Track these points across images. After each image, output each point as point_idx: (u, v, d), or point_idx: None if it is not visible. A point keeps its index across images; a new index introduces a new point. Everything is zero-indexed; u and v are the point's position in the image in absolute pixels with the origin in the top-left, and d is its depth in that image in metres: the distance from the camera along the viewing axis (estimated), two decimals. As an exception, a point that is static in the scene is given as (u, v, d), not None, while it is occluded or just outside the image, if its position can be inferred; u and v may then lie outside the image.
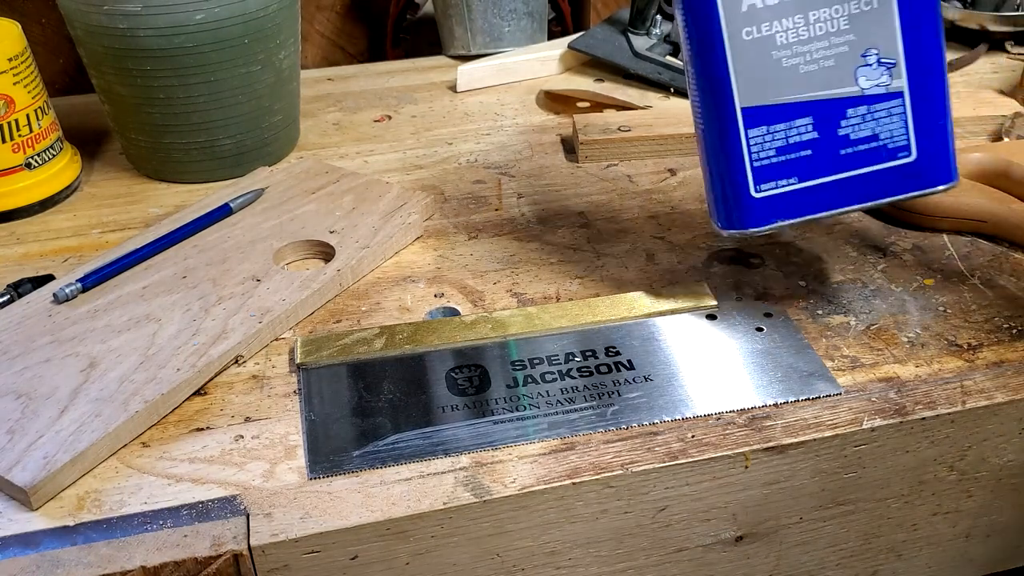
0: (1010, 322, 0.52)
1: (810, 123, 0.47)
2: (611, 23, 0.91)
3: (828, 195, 0.48)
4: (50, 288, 0.54)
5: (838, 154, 0.47)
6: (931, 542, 0.52)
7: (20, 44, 0.63)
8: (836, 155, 0.47)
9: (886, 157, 0.47)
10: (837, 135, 0.47)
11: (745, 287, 0.56)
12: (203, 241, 0.59)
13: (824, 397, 0.47)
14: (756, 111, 0.46)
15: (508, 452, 0.44)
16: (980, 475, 0.50)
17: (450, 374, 0.49)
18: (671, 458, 0.44)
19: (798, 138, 0.47)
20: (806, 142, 0.47)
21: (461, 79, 0.85)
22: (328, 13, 1.01)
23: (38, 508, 0.42)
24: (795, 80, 0.46)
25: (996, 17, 0.89)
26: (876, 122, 0.47)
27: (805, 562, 0.50)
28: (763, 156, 0.47)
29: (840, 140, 0.47)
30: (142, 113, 0.67)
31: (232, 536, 0.40)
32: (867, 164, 0.48)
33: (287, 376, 0.49)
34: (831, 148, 0.47)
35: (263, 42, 0.66)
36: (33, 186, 0.65)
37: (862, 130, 0.47)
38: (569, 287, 0.56)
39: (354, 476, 0.43)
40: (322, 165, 0.68)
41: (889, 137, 0.47)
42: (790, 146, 0.47)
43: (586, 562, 0.46)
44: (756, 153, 0.47)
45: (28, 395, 0.46)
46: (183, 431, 0.46)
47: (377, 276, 0.58)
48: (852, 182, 0.48)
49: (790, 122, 0.47)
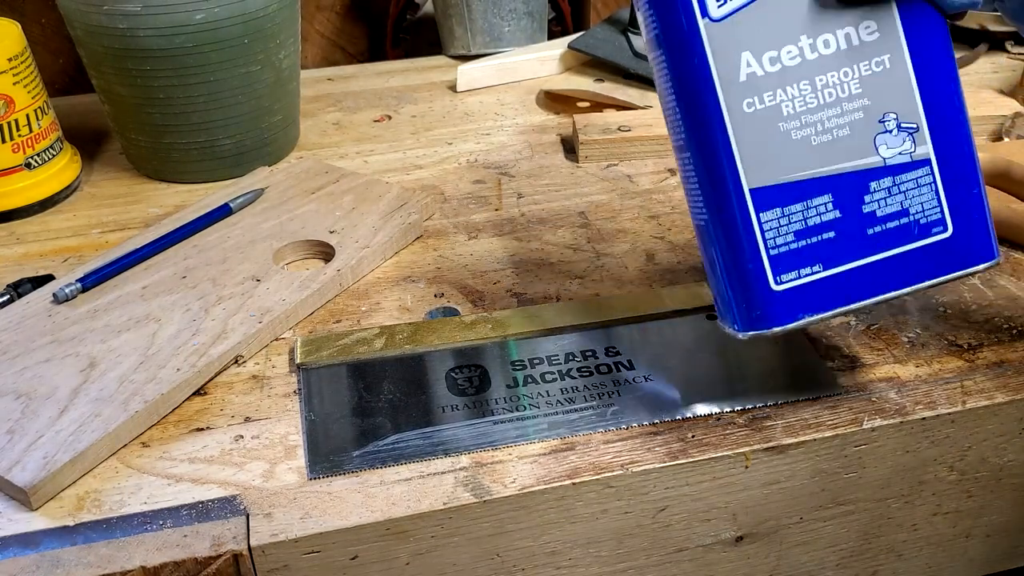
0: (1010, 322, 0.52)
1: (830, 201, 0.41)
2: (611, 23, 0.91)
3: (858, 282, 0.42)
4: (50, 288, 0.54)
5: (865, 234, 0.42)
6: (931, 542, 0.52)
7: (20, 44, 0.63)
8: (863, 235, 0.42)
9: (920, 234, 0.42)
10: (862, 212, 0.41)
11: (745, 287, 0.56)
12: (203, 241, 0.59)
13: (824, 397, 0.47)
14: (767, 191, 0.41)
15: (508, 452, 0.44)
16: (980, 475, 0.50)
17: (450, 374, 0.49)
18: (671, 458, 0.44)
19: (818, 219, 0.41)
20: (828, 223, 0.41)
21: (461, 79, 0.85)
22: (328, 13, 1.01)
23: (38, 508, 0.42)
24: (808, 154, 0.41)
25: (996, 17, 0.89)
26: (904, 195, 0.42)
27: (805, 562, 0.50)
28: (780, 243, 0.41)
29: (866, 218, 0.42)
30: (142, 113, 0.67)
31: (232, 536, 0.40)
32: (899, 244, 0.42)
33: (287, 376, 0.49)
34: (857, 228, 0.42)
35: (263, 42, 0.66)
36: (33, 186, 0.65)
37: (889, 205, 0.42)
38: (569, 287, 0.56)
39: (354, 476, 0.43)
40: (322, 165, 0.68)
41: (920, 211, 0.42)
42: (810, 228, 0.41)
43: (586, 562, 0.46)
44: (772, 240, 0.41)
45: (28, 395, 0.46)
46: (183, 431, 0.46)
47: (377, 276, 0.58)
48: (884, 265, 0.42)
49: (807, 201, 0.41)
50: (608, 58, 0.85)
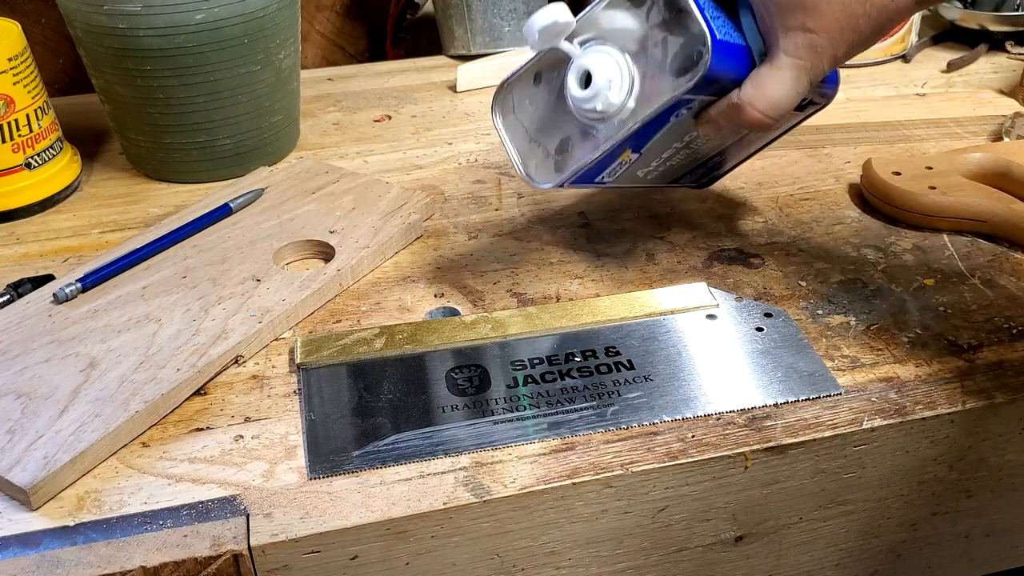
0: (1010, 322, 0.52)
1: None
2: (611, 23, 0.91)
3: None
4: (50, 288, 0.54)
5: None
6: (931, 542, 0.52)
7: (20, 44, 0.63)
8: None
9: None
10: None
11: (745, 287, 0.56)
12: (203, 241, 0.59)
13: (824, 397, 0.47)
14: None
15: (508, 452, 0.44)
16: (980, 475, 0.50)
17: (450, 374, 0.49)
18: (671, 458, 0.44)
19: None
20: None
21: (461, 79, 0.85)
22: (328, 13, 1.01)
23: (38, 508, 0.42)
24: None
25: (996, 17, 0.89)
26: None
27: (805, 562, 0.50)
28: None
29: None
30: (142, 113, 0.67)
31: (232, 536, 0.40)
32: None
33: (287, 376, 0.49)
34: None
35: (263, 42, 0.66)
36: (33, 186, 0.65)
37: None
38: (569, 287, 0.56)
39: (354, 476, 0.43)
40: (322, 165, 0.68)
41: None
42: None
43: (586, 562, 0.46)
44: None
45: (28, 395, 0.46)
46: (183, 431, 0.46)
47: (377, 276, 0.58)
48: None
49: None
50: (608, 58, 0.85)
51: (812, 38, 0.47)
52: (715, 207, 0.64)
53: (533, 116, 0.52)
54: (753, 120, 0.49)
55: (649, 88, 0.48)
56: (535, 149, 0.52)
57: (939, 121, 0.74)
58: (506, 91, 0.53)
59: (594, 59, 0.48)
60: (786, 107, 0.49)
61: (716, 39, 0.47)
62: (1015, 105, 0.75)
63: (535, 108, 0.52)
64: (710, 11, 0.47)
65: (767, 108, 0.48)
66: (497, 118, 0.53)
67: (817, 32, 0.46)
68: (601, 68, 0.48)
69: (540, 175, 0.52)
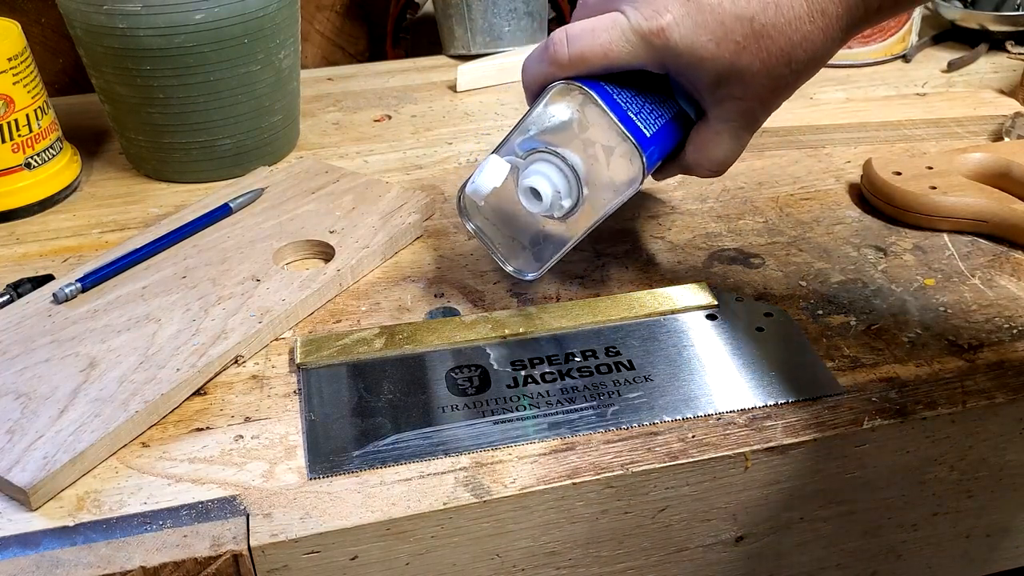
0: (1010, 322, 0.52)
1: None
2: (611, 23, 0.91)
3: None
4: (50, 288, 0.54)
5: None
6: (931, 542, 0.52)
7: (20, 44, 0.63)
8: None
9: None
10: None
11: (745, 287, 0.56)
12: (203, 241, 0.59)
13: (824, 397, 0.47)
14: None
15: (508, 452, 0.44)
16: (980, 475, 0.50)
17: (450, 374, 0.49)
18: (671, 458, 0.44)
19: None
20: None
21: (461, 79, 0.85)
22: (328, 13, 1.01)
23: (38, 508, 0.41)
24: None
25: (996, 17, 0.89)
26: None
27: (806, 562, 0.50)
28: None
29: None
30: (142, 113, 0.67)
31: (232, 536, 0.40)
32: None
33: (287, 376, 0.49)
34: None
35: (263, 42, 0.66)
36: (33, 186, 0.65)
37: None
38: (569, 287, 0.56)
39: (354, 476, 0.43)
40: (322, 165, 0.68)
41: None
42: None
43: (586, 562, 0.46)
44: None
45: (28, 395, 0.46)
46: (183, 431, 0.46)
47: (377, 276, 0.58)
48: None
49: None
50: (608, 58, 0.85)
51: (743, 104, 0.47)
52: (715, 207, 0.64)
53: (500, 213, 0.52)
54: (706, 177, 0.54)
55: (602, 181, 0.48)
56: (512, 244, 0.53)
57: (939, 121, 0.74)
58: (467, 196, 0.52)
59: (537, 177, 0.48)
60: (733, 161, 0.50)
61: (647, 137, 0.47)
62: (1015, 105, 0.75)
63: (499, 205, 0.52)
64: (631, 106, 0.47)
65: (715, 167, 0.51)
66: (468, 223, 0.53)
67: (747, 99, 0.47)
68: (546, 182, 0.48)
69: (524, 267, 0.53)
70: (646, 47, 0.46)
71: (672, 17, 0.44)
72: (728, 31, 0.44)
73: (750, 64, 0.45)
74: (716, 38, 0.44)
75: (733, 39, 0.44)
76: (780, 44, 0.44)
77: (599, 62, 0.47)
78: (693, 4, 0.44)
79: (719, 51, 0.44)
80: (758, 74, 0.45)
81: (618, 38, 0.46)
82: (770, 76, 0.45)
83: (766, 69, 0.45)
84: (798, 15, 0.43)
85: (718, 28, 0.44)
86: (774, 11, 0.43)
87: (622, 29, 0.46)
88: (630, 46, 0.46)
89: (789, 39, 0.44)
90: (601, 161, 0.48)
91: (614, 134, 0.47)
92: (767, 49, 0.44)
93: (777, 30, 0.44)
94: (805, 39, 0.44)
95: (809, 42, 0.44)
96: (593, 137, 0.48)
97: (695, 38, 0.44)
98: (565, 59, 0.47)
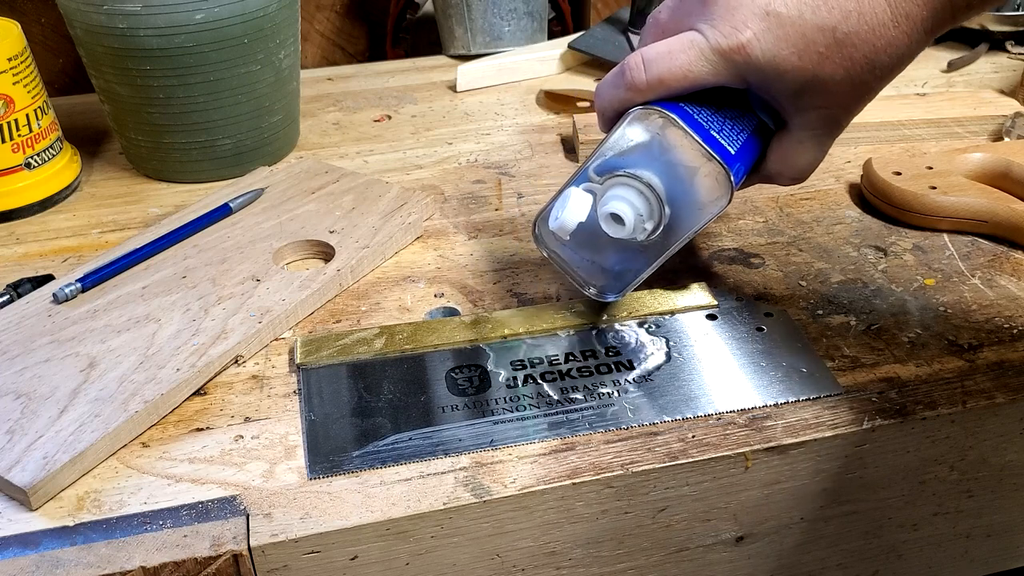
0: (1010, 322, 0.52)
1: None
2: (611, 23, 0.91)
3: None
4: (50, 288, 0.54)
5: None
6: (932, 542, 0.52)
7: (20, 44, 0.63)
8: None
9: None
10: None
11: (745, 287, 0.56)
12: (203, 241, 0.59)
13: (824, 397, 0.47)
14: None
15: (508, 452, 0.44)
16: (981, 475, 0.50)
17: (450, 374, 0.49)
18: (671, 458, 0.44)
19: None
20: None
21: (461, 79, 0.85)
22: (328, 13, 1.01)
23: (38, 508, 0.41)
24: None
25: (996, 17, 0.89)
26: None
27: (806, 562, 0.50)
28: None
29: None
30: (142, 113, 0.67)
31: (232, 536, 0.40)
32: None
33: (287, 376, 0.49)
34: None
35: (263, 42, 0.66)
36: (33, 186, 0.65)
37: None
38: (569, 287, 0.56)
39: (354, 476, 0.43)
40: (322, 165, 0.68)
41: None
42: None
43: (586, 562, 0.46)
44: None
45: (28, 395, 0.46)
46: (183, 431, 0.46)
47: (377, 276, 0.58)
48: None
49: None
50: (608, 58, 0.85)
51: (826, 112, 0.46)
52: (715, 207, 0.64)
53: (577, 238, 0.50)
54: (787, 186, 0.54)
55: (687, 201, 0.47)
56: (591, 267, 0.52)
57: (939, 121, 0.74)
58: (543, 222, 0.51)
59: (617, 202, 0.47)
60: (815, 168, 0.50)
61: (732, 155, 0.46)
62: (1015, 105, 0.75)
63: (576, 229, 0.49)
64: (713, 125, 0.47)
65: (797, 175, 0.50)
66: (544, 250, 0.52)
67: (830, 107, 0.46)
68: (627, 207, 0.47)
69: (606, 289, 0.52)
70: (727, 65, 0.45)
71: (752, 33, 0.44)
72: (810, 42, 0.43)
73: (833, 73, 0.44)
74: (798, 50, 0.43)
75: (815, 50, 0.43)
76: (863, 51, 0.43)
77: (679, 84, 0.46)
78: (773, 18, 0.43)
79: (801, 63, 0.44)
80: (841, 82, 0.44)
81: (697, 58, 0.45)
82: (853, 83, 0.44)
83: (849, 77, 0.44)
84: (881, 21, 0.43)
85: (800, 40, 0.43)
86: (856, 19, 0.43)
87: (700, 49, 0.45)
88: (710, 65, 0.45)
89: (872, 46, 0.43)
90: (685, 182, 0.47)
91: (699, 155, 0.46)
92: (850, 57, 0.43)
93: (860, 38, 0.43)
94: (889, 44, 0.43)
95: (893, 47, 0.43)
96: (676, 159, 0.46)
97: (777, 52, 0.44)
98: (643, 84, 0.46)
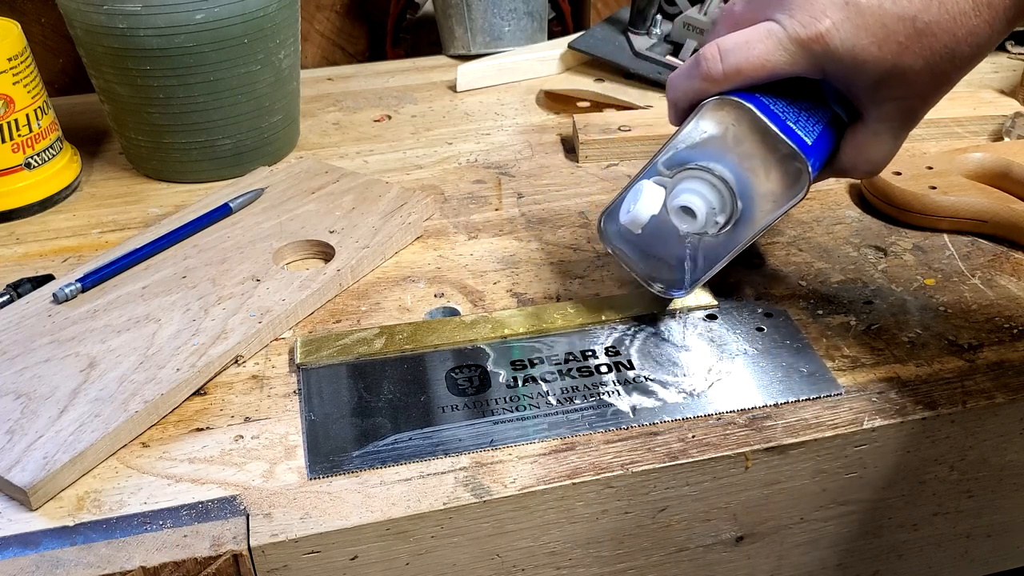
0: (1010, 322, 0.52)
1: None
2: (611, 23, 0.91)
3: None
4: (50, 288, 0.54)
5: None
6: (932, 542, 0.52)
7: (20, 44, 0.63)
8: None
9: None
10: None
11: (745, 287, 0.56)
12: (203, 241, 0.59)
13: (824, 397, 0.47)
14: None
15: (508, 452, 0.44)
16: (980, 475, 0.50)
17: (450, 374, 0.49)
18: (671, 458, 0.44)
19: None
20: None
21: (461, 79, 0.85)
22: (328, 13, 1.01)
23: (38, 508, 0.41)
24: None
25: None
26: None
27: (806, 562, 0.50)
28: None
29: None
30: (142, 113, 0.67)
31: (232, 536, 0.40)
32: None
33: (287, 376, 0.49)
34: None
35: (263, 42, 0.66)
36: (33, 186, 0.65)
37: None
38: (569, 287, 0.56)
39: (354, 476, 0.43)
40: (322, 165, 0.68)
41: None
42: None
43: (586, 562, 0.46)
44: None
45: (28, 395, 0.46)
46: (183, 431, 0.46)
47: (377, 276, 0.58)
48: None
49: None
50: (608, 58, 0.85)
51: (905, 103, 0.46)
52: (715, 207, 0.64)
53: (643, 233, 0.50)
54: (861, 179, 0.55)
55: (760, 193, 0.47)
56: (657, 263, 0.51)
57: (939, 121, 0.74)
58: (608, 218, 0.51)
59: (689, 195, 0.47)
60: (890, 160, 0.49)
61: (808, 146, 0.46)
62: (1015, 105, 0.75)
63: (645, 225, 0.49)
64: (789, 116, 0.46)
65: (872, 168, 0.49)
66: (609, 246, 0.52)
67: (908, 98, 0.46)
68: (699, 199, 0.47)
69: (672, 286, 0.52)
70: (805, 55, 0.44)
71: (831, 22, 0.43)
72: (890, 32, 0.43)
73: (912, 63, 0.43)
74: (878, 40, 0.43)
75: (895, 40, 0.43)
76: (944, 41, 0.43)
77: (756, 74, 0.45)
78: (852, 7, 0.43)
79: (881, 53, 0.43)
80: (921, 72, 0.44)
81: (775, 48, 0.45)
82: (933, 73, 0.44)
83: (929, 67, 0.44)
84: (962, 10, 0.42)
85: (880, 30, 0.43)
86: (937, 8, 0.42)
87: (778, 39, 0.44)
88: (788, 55, 0.45)
89: (953, 35, 0.43)
90: (760, 174, 0.46)
91: (776, 146, 0.45)
92: (930, 47, 0.43)
93: (940, 27, 0.42)
94: (970, 33, 0.43)
95: (974, 36, 0.43)
96: (751, 151, 0.46)
97: (856, 41, 0.43)
98: (719, 74, 0.46)
